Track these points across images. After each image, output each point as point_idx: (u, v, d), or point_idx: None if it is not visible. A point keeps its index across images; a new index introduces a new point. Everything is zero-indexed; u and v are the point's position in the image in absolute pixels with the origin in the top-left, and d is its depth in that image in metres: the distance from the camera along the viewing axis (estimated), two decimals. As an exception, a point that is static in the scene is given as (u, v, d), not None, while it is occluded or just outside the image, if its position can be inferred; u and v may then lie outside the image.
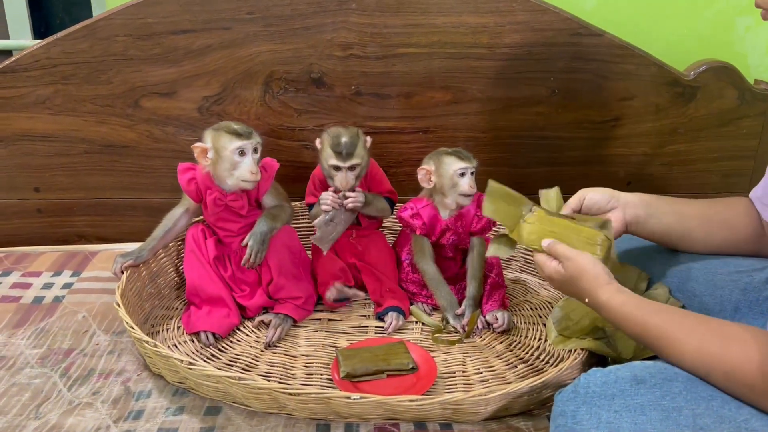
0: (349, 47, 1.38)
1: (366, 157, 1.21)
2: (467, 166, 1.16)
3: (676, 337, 0.76)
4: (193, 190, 1.18)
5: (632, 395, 0.71)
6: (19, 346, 1.11)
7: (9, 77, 1.37)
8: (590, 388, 0.73)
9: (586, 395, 0.73)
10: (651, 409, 0.70)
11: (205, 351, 1.11)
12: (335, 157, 1.18)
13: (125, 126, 1.42)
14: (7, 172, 1.45)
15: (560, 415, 0.74)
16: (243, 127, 1.14)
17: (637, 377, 0.73)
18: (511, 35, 1.38)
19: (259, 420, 0.94)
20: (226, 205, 1.17)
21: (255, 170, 1.13)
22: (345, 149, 1.17)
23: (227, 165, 1.13)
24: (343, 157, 1.17)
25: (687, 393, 0.71)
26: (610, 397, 0.71)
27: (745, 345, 0.71)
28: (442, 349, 1.13)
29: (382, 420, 0.93)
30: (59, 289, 1.28)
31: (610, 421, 0.69)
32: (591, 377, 0.74)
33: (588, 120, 1.45)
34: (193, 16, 1.34)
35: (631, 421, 0.69)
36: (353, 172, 1.19)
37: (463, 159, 1.16)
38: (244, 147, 1.12)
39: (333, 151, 1.18)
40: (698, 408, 0.70)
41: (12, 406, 0.96)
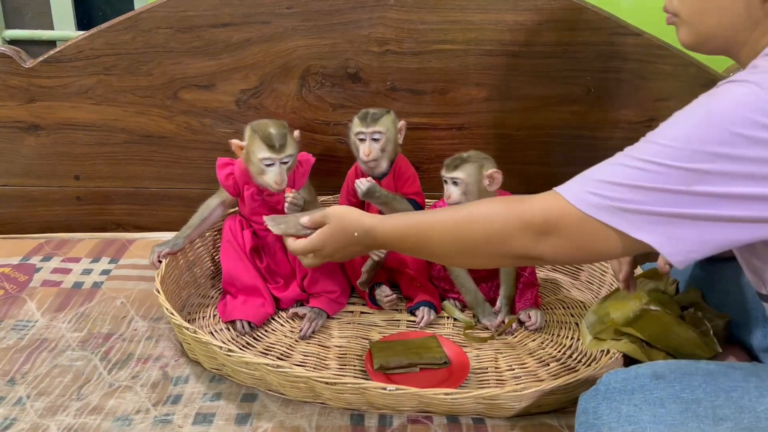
0: (386, 43, 1.38)
1: (393, 132, 1.23)
2: (444, 175, 1.18)
3: (434, 218, 0.83)
4: (231, 185, 1.20)
5: (652, 390, 0.72)
6: (60, 329, 1.14)
7: (53, 67, 1.40)
8: (611, 385, 0.74)
9: (606, 392, 0.74)
10: (670, 402, 0.70)
11: (241, 339, 1.13)
12: (360, 125, 1.20)
13: (164, 117, 1.44)
14: (48, 160, 1.48)
15: (583, 412, 0.75)
16: (278, 136, 1.12)
17: (657, 373, 0.74)
18: (548, 33, 1.37)
19: (294, 408, 0.96)
20: (263, 200, 1.18)
21: (280, 180, 1.13)
22: (370, 115, 1.19)
23: (255, 169, 1.14)
24: (367, 123, 1.19)
25: (706, 386, 0.72)
26: (630, 392, 0.72)
27: (487, 203, 0.80)
28: (474, 345, 1.14)
29: (416, 412, 0.94)
30: (98, 275, 1.31)
31: (630, 414, 0.71)
32: (612, 376, 0.76)
33: (624, 120, 1.44)
34: (233, 10, 1.36)
35: (650, 414, 0.70)
36: (377, 142, 1.21)
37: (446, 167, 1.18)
38: (271, 160, 1.13)
39: (359, 119, 1.20)
40: (717, 399, 0.70)
41: (55, 387, 0.99)
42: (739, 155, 0.64)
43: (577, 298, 1.29)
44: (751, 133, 0.63)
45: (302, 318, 1.18)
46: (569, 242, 0.73)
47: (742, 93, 0.65)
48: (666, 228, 0.68)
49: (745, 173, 0.64)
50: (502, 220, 0.77)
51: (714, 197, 0.66)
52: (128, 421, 0.92)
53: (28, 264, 1.34)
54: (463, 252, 0.81)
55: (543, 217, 0.74)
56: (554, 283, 1.36)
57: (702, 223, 0.67)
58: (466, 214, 0.80)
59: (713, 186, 0.65)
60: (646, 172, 0.67)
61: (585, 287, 1.33)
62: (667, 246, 0.68)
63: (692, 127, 0.67)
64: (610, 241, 0.71)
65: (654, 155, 0.67)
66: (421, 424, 0.93)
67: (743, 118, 0.64)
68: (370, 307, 1.24)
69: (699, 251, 0.68)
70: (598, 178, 0.71)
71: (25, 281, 1.28)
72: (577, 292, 1.32)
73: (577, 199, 0.71)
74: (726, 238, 0.67)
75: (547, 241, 0.74)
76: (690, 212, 0.67)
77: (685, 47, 0.82)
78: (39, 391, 0.98)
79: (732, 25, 0.75)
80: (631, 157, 0.70)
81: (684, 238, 0.68)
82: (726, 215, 0.66)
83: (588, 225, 0.71)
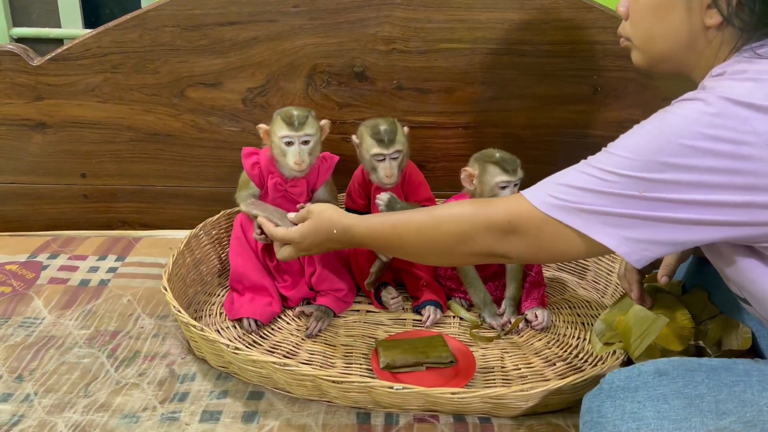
0: (392, 42, 1.38)
1: (407, 145, 1.21)
2: (510, 180, 1.14)
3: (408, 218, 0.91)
4: (257, 175, 1.20)
5: (655, 386, 0.73)
6: (67, 326, 1.14)
7: (60, 65, 1.40)
8: (614, 383, 0.75)
9: (610, 390, 0.75)
10: (673, 397, 0.71)
11: (247, 337, 1.14)
12: (377, 146, 1.18)
13: (170, 115, 1.45)
14: (55, 158, 1.49)
15: (587, 411, 0.76)
16: (299, 116, 1.15)
17: (660, 370, 0.75)
18: (554, 32, 1.37)
19: (301, 406, 0.96)
20: (285, 191, 1.19)
21: (300, 160, 1.14)
22: (387, 136, 1.17)
23: (278, 150, 1.16)
24: (386, 144, 1.17)
25: (709, 381, 0.73)
26: (633, 389, 0.73)
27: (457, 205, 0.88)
28: (480, 344, 1.14)
29: (422, 411, 0.94)
30: (104, 272, 1.31)
31: (634, 411, 0.72)
32: (615, 374, 0.77)
33: (631, 119, 1.44)
34: (239, 8, 1.36)
35: (654, 410, 0.71)
36: (395, 160, 1.19)
37: (508, 172, 1.13)
38: (290, 137, 1.14)
39: (374, 139, 1.18)
40: (720, 394, 0.72)
41: (62, 384, 1.00)
42: (688, 165, 0.69)
43: (584, 298, 1.29)
44: (698, 145, 0.69)
45: (309, 316, 1.18)
46: (531, 241, 0.80)
47: (691, 109, 0.71)
48: (620, 230, 0.74)
49: (693, 181, 0.70)
50: (470, 220, 0.84)
51: (665, 202, 0.71)
52: (135, 418, 0.93)
53: (35, 261, 1.35)
54: (434, 250, 0.89)
55: (506, 217, 0.81)
56: (561, 282, 1.36)
57: (654, 224, 0.73)
58: (438, 215, 0.88)
59: (664, 193, 0.71)
60: (603, 180, 0.74)
61: (591, 287, 1.33)
62: (622, 246, 0.74)
63: (646, 139, 0.73)
64: (570, 241, 0.77)
65: (611, 165, 0.73)
66: (428, 423, 0.93)
67: (691, 132, 0.69)
68: (376, 306, 1.24)
69: (653, 250, 0.74)
70: (559, 182, 0.78)
71: (33, 279, 1.28)
72: (584, 291, 1.32)
73: (538, 201, 0.78)
74: (678, 237, 0.73)
75: (511, 240, 0.81)
76: (642, 214, 0.72)
77: (638, 66, 0.87)
78: (46, 388, 0.98)
79: (679, 50, 0.81)
80: (591, 166, 0.76)
81: (638, 239, 0.74)
82: (676, 217, 0.72)
83: (548, 225, 0.77)
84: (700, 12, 0.77)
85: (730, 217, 0.70)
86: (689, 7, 0.77)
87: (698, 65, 0.80)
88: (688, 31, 0.79)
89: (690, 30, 0.78)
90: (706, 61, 0.79)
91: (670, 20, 0.79)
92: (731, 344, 0.99)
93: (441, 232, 0.86)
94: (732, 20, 0.75)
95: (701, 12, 0.77)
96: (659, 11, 0.80)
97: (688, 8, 0.77)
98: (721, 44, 0.78)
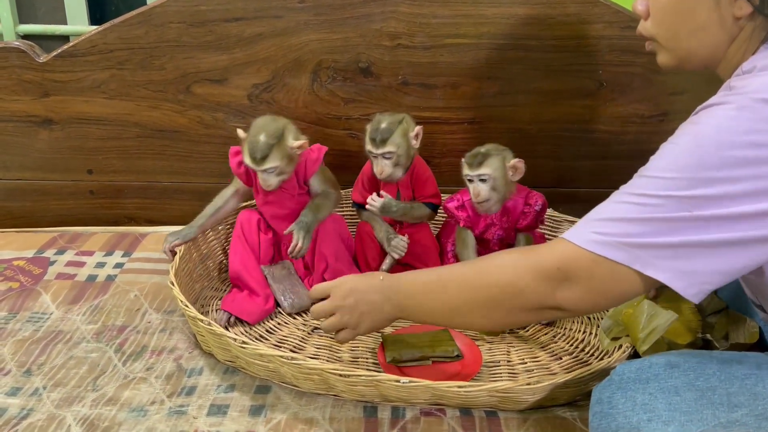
0: (398, 37, 1.38)
1: (405, 146, 1.21)
2: (468, 174, 1.16)
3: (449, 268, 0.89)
4: (243, 173, 1.20)
5: (666, 378, 0.72)
6: (75, 321, 1.15)
7: (67, 62, 1.41)
8: (625, 375, 0.75)
9: (621, 381, 0.74)
10: (685, 390, 0.71)
11: (254, 332, 1.14)
12: (370, 144, 1.19)
13: (176, 111, 1.45)
14: (62, 154, 1.49)
15: (597, 402, 0.76)
16: (262, 147, 1.10)
17: (671, 362, 0.74)
18: (560, 27, 1.37)
19: (308, 400, 0.96)
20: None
21: (265, 185, 1.14)
22: (379, 135, 1.17)
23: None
24: (377, 144, 1.18)
25: (721, 374, 0.73)
26: (644, 381, 0.73)
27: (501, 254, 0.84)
28: (486, 338, 1.14)
29: (429, 405, 0.95)
30: (111, 268, 1.32)
31: (645, 402, 0.71)
32: (626, 366, 0.76)
33: (636, 114, 1.44)
34: (245, 4, 1.36)
35: (665, 402, 0.70)
36: (388, 160, 1.19)
37: (471, 166, 1.15)
38: (252, 168, 1.14)
39: (369, 137, 1.20)
40: (732, 387, 0.71)
41: (71, 378, 1.00)
42: (734, 176, 0.65)
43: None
44: (740, 153, 0.65)
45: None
46: (586, 288, 0.73)
47: (723, 116, 0.67)
48: (675, 262, 0.68)
49: (743, 192, 0.65)
50: (520, 269, 0.78)
51: (717, 219, 0.66)
52: (143, 412, 0.93)
53: (43, 257, 1.35)
54: (481, 306, 0.82)
55: (555, 264, 0.74)
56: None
57: (710, 250, 0.67)
58: (485, 264, 0.84)
59: (715, 209, 0.66)
60: (645, 206, 0.69)
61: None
62: (677, 280, 0.69)
63: (684, 156, 0.68)
64: (623, 279, 0.71)
65: (652, 189, 0.69)
66: (434, 416, 0.93)
67: (731, 140, 0.65)
68: None
69: (712, 282, 0.69)
70: (600, 218, 0.73)
71: (40, 274, 1.29)
72: (589, 286, 1.32)
73: (583, 240, 0.72)
74: (736, 263, 0.68)
75: (564, 289, 0.75)
76: (696, 239, 0.67)
77: (665, 70, 0.83)
78: (55, 382, 0.99)
79: (709, 44, 0.76)
80: (627, 194, 0.71)
81: (694, 270, 0.68)
82: (732, 237, 0.66)
83: (600, 266, 0.71)
84: (728, 3, 0.73)
85: None
86: (715, 1, 0.73)
87: (725, 59, 0.77)
88: (718, 25, 0.74)
89: (719, 23, 0.74)
90: (734, 54, 0.75)
91: (696, 15, 0.75)
92: (738, 338, 0.99)
93: (487, 284, 0.81)
94: (764, 9, 0.71)
95: (729, 3, 0.73)
96: (684, 7, 0.76)
97: (714, 2, 0.73)
98: (751, 35, 0.74)
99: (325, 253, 1.20)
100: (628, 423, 0.70)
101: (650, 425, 0.69)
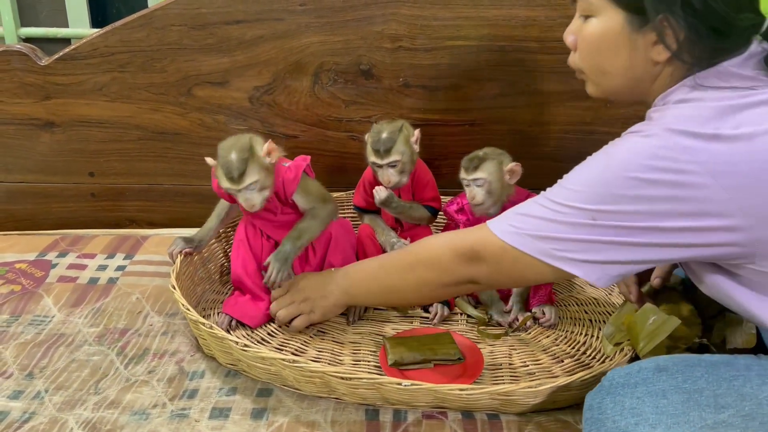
0: (399, 39, 1.38)
1: (408, 152, 1.21)
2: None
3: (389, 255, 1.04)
4: (225, 194, 1.15)
5: (654, 382, 0.74)
6: (77, 324, 1.15)
7: (68, 64, 1.41)
8: (614, 380, 0.76)
9: (610, 387, 0.76)
10: (672, 392, 0.72)
11: (255, 335, 1.14)
12: (373, 155, 1.19)
13: (178, 114, 1.45)
14: (63, 157, 1.50)
15: (588, 409, 0.77)
16: (238, 167, 1.03)
17: (660, 366, 0.76)
18: (561, 29, 1.33)
19: (310, 403, 0.96)
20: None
21: (249, 205, 1.08)
22: (383, 146, 1.17)
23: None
24: (381, 155, 1.18)
25: (708, 376, 0.74)
26: (633, 385, 0.75)
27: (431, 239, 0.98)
28: (488, 341, 1.14)
29: (430, 408, 0.95)
30: (113, 271, 1.32)
31: (633, 407, 0.72)
32: (616, 371, 0.78)
33: (637, 116, 1.39)
34: (246, 7, 1.36)
35: (653, 406, 0.72)
36: (394, 168, 1.20)
37: (465, 169, 1.17)
38: (232, 190, 1.07)
39: (372, 148, 1.19)
40: (719, 388, 0.72)
41: (73, 381, 1.00)
42: (634, 195, 0.73)
43: (591, 295, 1.29)
44: (642, 176, 0.72)
45: None
46: (494, 269, 0.86)
47: (635, 142, 0.74)
48: (577, 254, 0.77)
49: (641, 211, 0.73)
50: (440, 248, 0.92)
51: (616, 228, 0.75)
52: (145, 415, 0.93)
53: (44, 260, 1.35)
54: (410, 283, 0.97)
55: (470, 244, 0.87)
56: (568, 280, 1.36)
57: (609, 246, 0.76)
58: (414, 247, 0.99)
59: (615, 221, 0.75)
60: (557, 211, 0.78)
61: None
62: (578, 269, 0.78)
63: (595, 173, 0.77)
64: (527, 267, 0.82)
65: (564, 198, 0.78)
66: (436, 419, 0.93)
67: (635, 164, 0.73)
68: None
69: (614, 270, 0.78)
70: (518, 212, 0.84)
71: (42, 277, 1.29)
72: (591, 288, 1.32)
73: (499, 229, 0.84)
74: (636, 257, 0.77)
75: (477, 266, 0.87)
76: (596, 238, 0.76)
77: (594, 98, 0.90)
78: (57, 386, 0.99)
79: (631, 83, 0.83)
80: (547, 199, 0.80)
81: (596, 260, 0.77)
82: (630, 241, 0.75)
83: (508, 253, 0.82)
84: (645, 49, 0.79)
85: (683, 240, 0.73)
86: (634, 46, 0.79)
87: (650, 94, 0.83)
88: (638, 67, 0.80)
89: (640, 66, 0.80)
90: (657, 91, 0.81)
91: (618, 56, 0.81)
92: (736, 341, 0.98)
93: (415, 262, 0.95)
94: (681, 56, 0.76)
95: (647, 49, 0.78)
96: (607, 47, 0.82)
97: (633, 47, 0.79)
98: (671, 76, 0.80)
99: (333, 261, 1.20)
100: (617, 428, 0.72)
101: (638, 429, 0.70)
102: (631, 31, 0.79)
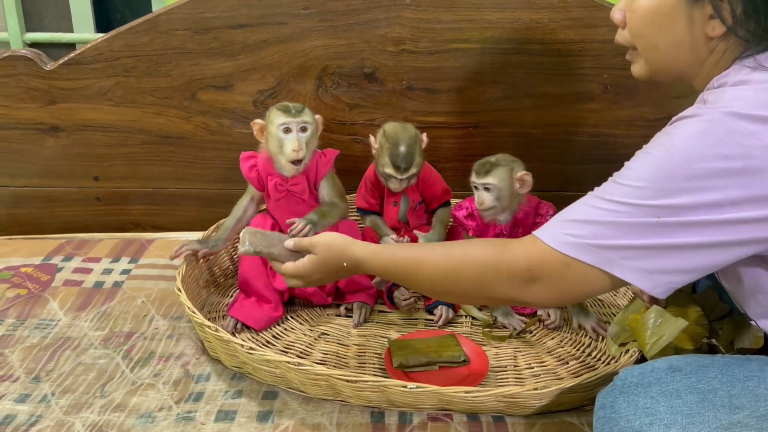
0: (402, 42, 1.39)
1: (421, 160, 1.23)
2: (475, 181, 1.17)
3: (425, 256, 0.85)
4: (255, 178, 1.21)
5: (668, 382, 0.73)
6: (82, 327, 1.15)
7: (73, 69, 1.42)
8: (627, 379, 0.75)
9: (623, 386, 0.75)
10: (687, 393, 0.71)
11: (260, 337, 1.14)
12: (392, 169, 1.20)
13: (182, 118, 1.46)
14: (68, 161, 1.50)
15: (600, 408, 0.76)
16: (296, 106, 1.16)
17: (673, 366, 0.75)
18: (564, 31, 1.37)
19: (315, 406, 0.96)
20: (287, 190, 1.19)
21: (297, 147, 1.14)
22: (404, 163, 1.18)
23: (275, 142, 1.16)
24: (401, 171, 1.19)
25: (722, 376, 0.73)
26: (646, 385, 0.73)
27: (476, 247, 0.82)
28: (493, 343, 1.14)
29: (436, 410, 0.95)
30: (118, 274, 1.33)
31: (648, 406, 0.71)
32: (628, 371, 0.77)
33: (641, 117, 1.44)
34: (250, 11, 1.37)
35: (667, 405, 0.71)
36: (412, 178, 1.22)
37: (476, 173, 1.17)
38: (288, 124, 1.14)
39: (392, 162, 1.19)
40: (734, 389, 0.71)
41: (79, 384, 1.01)
42: (701, 186, 0.68)
43: (596, 298, 1.29)
44: (709, 165, 0.67)
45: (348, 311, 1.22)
46: (555, 288, 0.76)
47: (694, 129, 0.69)
48: (641, 262, 0.71)
49: (709, 202, 0.68)
50: (491, 268, 0.80)
51: (683, 226, 0.69)
52: (151, 418, 0.93)
53: (50, 264, 1.36)
54: (453, 292, 0.85)
55: (526, 264, 0.77)
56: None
57: (675, 252, 0.71)
58: (455, 260, 0.82)
59: (681, 216, 0.69)
60: (615, 211, 0.71)
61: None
62: (645, 280, 0.72)
63: (656, 166, 0.71)
64: (592, 280, 0.74)
65: (622, 196, 0.71)
66: (441, 421, 0.93)
67: (700, 153, 0.68)
68: (388, 306, 1.25)
69: (677, 279, 0.73)
70: (571, 218, 0.75)
71: (48, 281, 1.30)
72: (595, 290, 1.32)
73: (554, 241, 0.75)
74: (701, 263, 0.71)
75: (532, 287, 0.77)
76: (662, 242, 0.70)
77: (639, 79, 0.85)
78: (63, 389, 0.99)
79: (682, 60, 0.79)
80: (599, 198, 0.73)
81: (660, 269, 0.71)
82: (697, 242, 0.70)
83: (569, 267, 0.74)
84: (702, 22, 0.75)
85: (751, 234, 0.69)
86: (691, 19, 0.76)
87: (700, 73, 0.79)
88: (691, 42, 0.77)
89: (693, 40, 0.77)
90: (708, 70, 0.78)
91: (672, 30, 0.77)
92: (743, 343, 0.98)
93: (458, 277, 0.82)
94: (736, 30, 0.74)
95: (703, 22, 0.75)
96: (660, 21, 0.78)
97: (690, 19, 0.76)
98: (723, 53, 0.76)
99: None
100: (631, 427, 0.71)
101: (652, 428, 0.69)
102: (687, 3, 0.75)
